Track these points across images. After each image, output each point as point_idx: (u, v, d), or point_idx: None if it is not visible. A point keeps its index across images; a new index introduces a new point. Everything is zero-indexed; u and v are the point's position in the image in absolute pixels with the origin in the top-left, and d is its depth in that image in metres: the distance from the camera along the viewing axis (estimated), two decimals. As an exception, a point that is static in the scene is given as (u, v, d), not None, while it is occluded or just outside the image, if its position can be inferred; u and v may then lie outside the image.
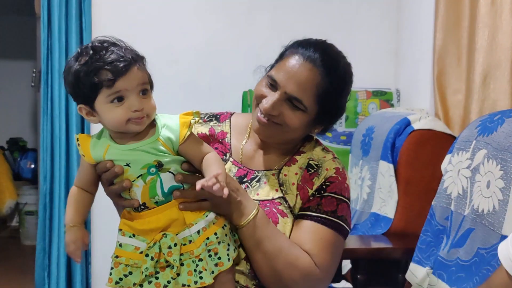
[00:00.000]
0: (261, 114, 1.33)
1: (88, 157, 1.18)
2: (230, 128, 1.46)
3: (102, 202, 1.28)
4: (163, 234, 1.15)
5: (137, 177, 1.15)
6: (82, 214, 1.21)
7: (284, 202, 1.34)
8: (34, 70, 3.13)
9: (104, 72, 1.09)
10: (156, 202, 1.16)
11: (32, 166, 4.68)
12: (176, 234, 1.15)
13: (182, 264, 1.15)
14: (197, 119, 1.20)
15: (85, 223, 1.21)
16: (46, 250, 2.84)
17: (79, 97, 1.15)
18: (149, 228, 1.16)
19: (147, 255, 1.14)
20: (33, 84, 3.16)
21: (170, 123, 1.18)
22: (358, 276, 1.87)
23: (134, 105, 1.11)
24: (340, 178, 1.36)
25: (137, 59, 1.13)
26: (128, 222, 1.19)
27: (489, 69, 2.02)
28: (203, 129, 1.45)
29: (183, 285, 1.15)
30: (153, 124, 1.17)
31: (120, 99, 1.11)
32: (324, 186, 1.35)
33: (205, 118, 1.48)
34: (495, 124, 1.50)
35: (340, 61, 1.35)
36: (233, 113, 1.51)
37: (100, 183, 1.22)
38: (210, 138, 1.44)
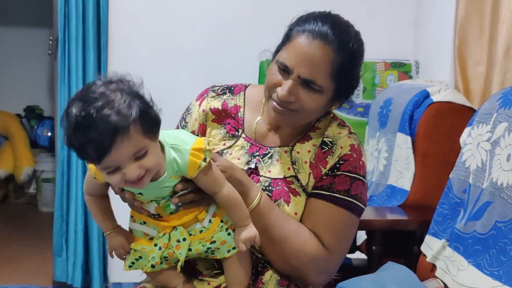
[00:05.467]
0: (276, 103, 1.28)
1: (100, 179, 1.14)
2: (244, 102, 1.44)
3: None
4: (173, 227, 1.17)
5: (150, 201, 1.16)
6: (111, 218, 1.23)
7: (297, 181, 1.33)
8: (51, 37, 3.12)
9: (89, 150, 0.99)
10: (171, 212, 1.18)
11: (49, 134, 4.71)
12: (186, 228, 1.18)
13: (190, 249, 1.18)
14: (208, 160, 1.12)
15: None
16: (63, 217, 2.87)
17: None
18: (162, 226, 1.19)
19: (155, 245, 1.17)
20: (50, 52, 3.16)
21: (179, 159, 1.10)
22: (373, 248, 1.87)
23: (128, 175, 1.03)
24: (355, 156, 1.33)
25: (126, 124, 0.98)
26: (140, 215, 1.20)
27: (512, 40, 1.97)
28: (216, 103, 1.43)
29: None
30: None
31: (116, 168, 1.03)
32: (337, 165, 1.32)
33: (219, 91, 1.45)
34: (518, 97, 1.47)
35: (350, 31, 1.28)
36: (248, 85, 1.47)
37: None
38: (222, 113, 1.42)
